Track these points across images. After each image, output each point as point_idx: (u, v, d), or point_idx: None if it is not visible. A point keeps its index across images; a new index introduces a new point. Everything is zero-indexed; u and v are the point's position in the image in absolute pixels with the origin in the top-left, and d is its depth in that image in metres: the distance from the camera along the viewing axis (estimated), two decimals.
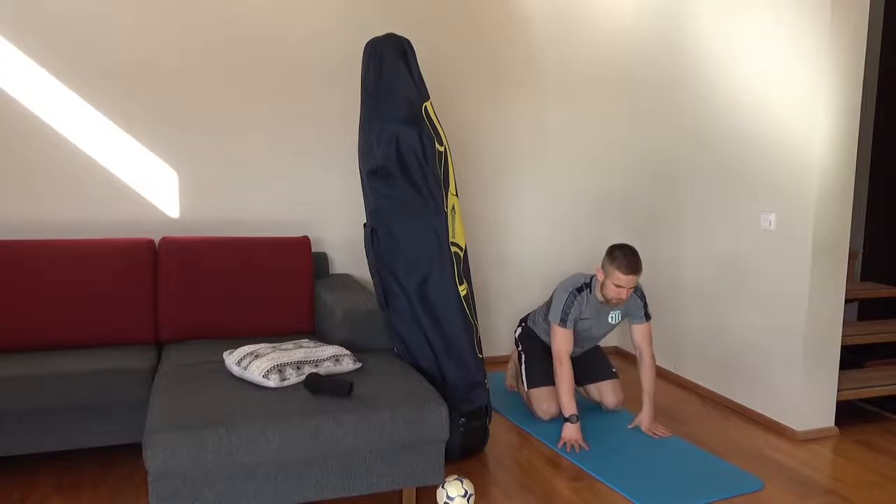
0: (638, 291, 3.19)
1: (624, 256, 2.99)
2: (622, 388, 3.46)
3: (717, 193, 3.67)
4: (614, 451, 2.97)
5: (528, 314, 3.54)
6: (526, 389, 3.32)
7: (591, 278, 3.19)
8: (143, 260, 3.13)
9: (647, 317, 3.20)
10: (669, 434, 3.14)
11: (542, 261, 4.34)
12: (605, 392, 3.38)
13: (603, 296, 3.10)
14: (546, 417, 3.25)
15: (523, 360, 3.39)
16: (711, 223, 3.72)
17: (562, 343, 3.13)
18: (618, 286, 3.01)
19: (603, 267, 3.07)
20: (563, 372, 3.11)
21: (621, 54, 4.36)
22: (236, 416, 2.11)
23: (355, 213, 3.84)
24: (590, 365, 3.44)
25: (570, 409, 3.07)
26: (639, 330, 3.20)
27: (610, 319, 3.22)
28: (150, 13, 3.38)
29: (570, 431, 3.05)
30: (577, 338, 3.26)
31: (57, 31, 3.26)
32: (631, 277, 2.99)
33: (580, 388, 3.51)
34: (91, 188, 3.37)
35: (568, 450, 3.00)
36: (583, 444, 3.01)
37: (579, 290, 3.16)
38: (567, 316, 3.13)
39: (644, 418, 3.19)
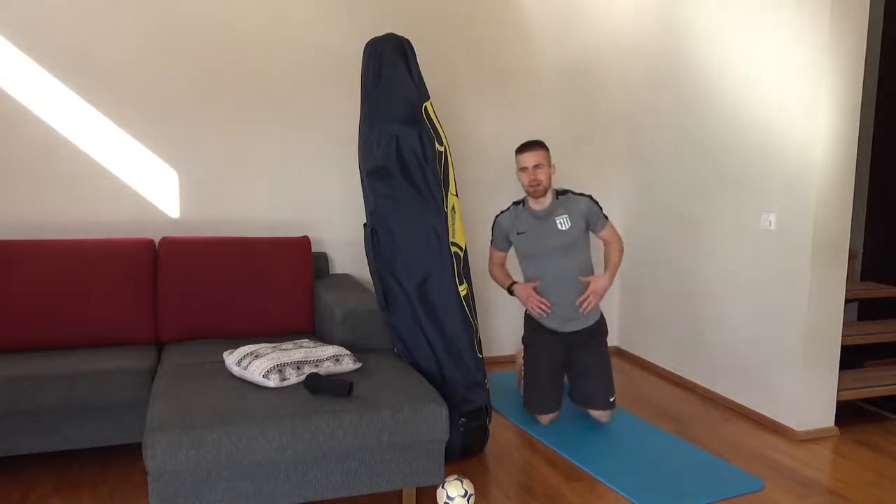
0: (592, 199, 3.24)
1: (523, 142, 3.18)
2: (617, 387, 3.43)
3: (717, 193, 3.67)
4: (614, 451, 2.97)
5: None
6: (525, 408, 3.31)
7: (525, 197, 3.26)
8: (143, 260, 3.13)
9: (606, 218, 3.26)
10: (592, 307, 3.16)
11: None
12: (596, 415, 3.26)
13: (526, 192, 3.18)
14: (544, 424, 3.24)
15: (525, 374, 3.31)
16: (711, 223, 3.72)
17: (489, 262, 3.39)
18: (523, 168, 3.13)
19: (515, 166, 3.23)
20: (494, 275, 3.38)
21: (621, 54, 4.36)
22: (236, 416, 2.11)
23: (355, 213, 3.84)
24: (587, 385, 3.24)
25: (506, 281, 3.30)
26: (604, 232, 3.26)
27: (559, 226, 3.15)
28: (150, 14, 3.38)
29: (522, 293, 3.19)
30: (535, 253, 3.18)
31: (58, 32, 3.26)
32: (527, 154, 3.12)
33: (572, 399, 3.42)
34: (91, 188, 3.37)
35: (535, 311, 3.17)
36: (544, 300, 3.15)
37: (507, 208, 3.30)
38: (493, 234, 3.31)
39: (597, 281, 3.17)
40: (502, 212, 3.31)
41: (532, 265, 3.23)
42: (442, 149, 2.79)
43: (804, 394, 3.18)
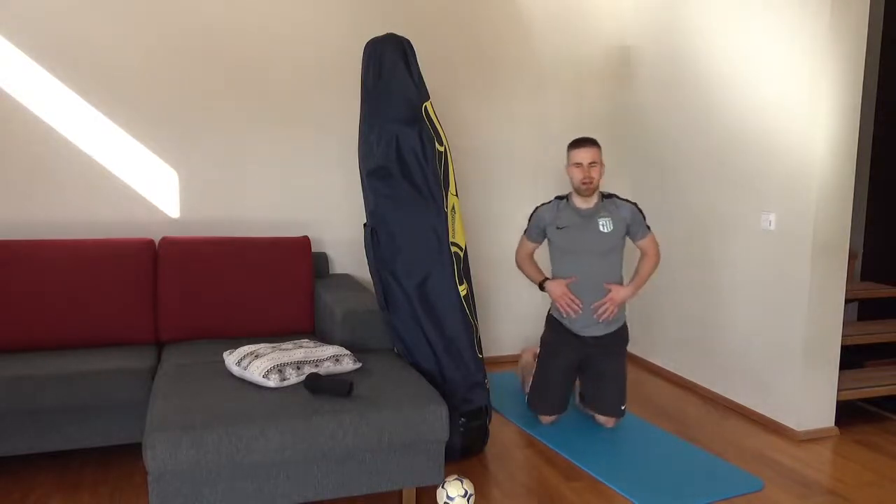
0: (637, 207, 3.18)
1: (577, 138, 3.15)
2: (627, 393, 3.39)
3: (717, 193, 3.67)
4: (614, 451, 2.97)
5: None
6: (528, 405, 3.30)
7: (568, 193, 3.23)
8: (143, 260, 3.13)
9: (648, 228, 3.20)
10: (611, 315, 3.12)
11: (542, 260, 4.33)
12: (602, 418, 3.24)
13: (574, 190, 3.14)
14: (545, 424, 3.23)
15: (536, 371, 3.28)
16: (712, 223, 3.72)
17: (519, 250, 3.35)
18: (577, 164, 3.08)
19: (566, 161, 3.17)
20: (523, 266, 3.33)
21: (622, 54, 4.36)
22: (236, 416, 2.11)
23: (355, 213, 3.84)
24: (600, 389, 3.21)
25: (538, 278, 3.25)
26: (644, 242, 3.20)
27: (601, 228, 3.11)
28: (151, 14, 3.38)
29: (556, 289, 3.15)
30: (572, 250, 3.15)
31: (58, 32, 3.26)
32: (583, 150, 3.07)
33: (578, 403, 3.41)
34: (91, 188, 3.37)
35: (564, 311, 3.13)
36: (576, 300, 3.12)
37: (549, 201, 3.27)
38: (529, 224, 3.28)
39: (618, 290, 3.12)
40: (543, 204, 3.27)
41: (566, 262, 3.18)
42: (442, 149, 2.79)
43: (804, 394, 3.18)
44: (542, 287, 3.24)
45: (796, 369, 3.19)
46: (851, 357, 3.65)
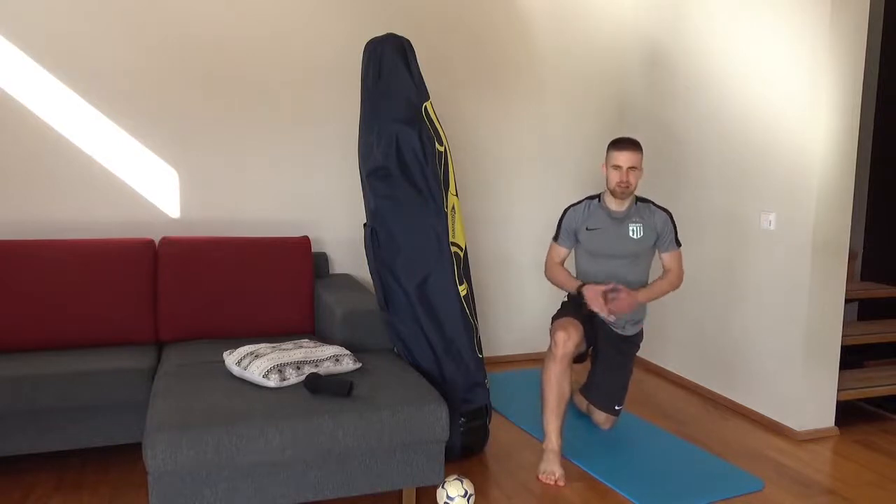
0: (670, 217, 3.05)
1: (620, 138, 2.98)
2: (628, 393, 3.36)
3: (717, 193, 3.67)
4: (614, 451, 2.97)
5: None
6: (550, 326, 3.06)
7: (600, 193, 3.10)
8: (143, 260, 3.13)
9: (678, 243, 3.07)
10: (612, 318, 2.94)
11: (542, 261, 4.32)
12: (598, 418, 3.21)
13: (609, 190, 2.99)
14: (559, 351, 2.79)
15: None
16: (711, 223, 3.72)
17: (549, 257, 3.15)
18: (616, 167, 2.92)
19: (605, 159, 3.01)
20: (554, 274, 3.12)
21: (621, 54, 4.36)
22: (236, 416, 2.11)
23: (355, 213, 3.84)
24: (606, 378, 3.14)
25: (574, 284, 3.03)
26: (668, 256, 3.07)
27: (631, 233, 2.99)
28: (151, 14, 3.38)
29: (591, 293, 2.91)
30: (601, 253, 3.03)
31: (58, 32, 3.25)
32: (626, 154, 2.90)
33: (576, 398, 3.39)
34: (91, 188, 3.37)
35: (595, 308, 2.89)
36: (608, 305, 2.88)
37: (579, 202, 3.12)
38: (560, 227, 3.12)
39: (631, 294, 2.93)
40: (572, 205, 3.12)
41: (592, 265, 3.06)
42: (442, 149, 2.80)
43: (804, 394, 3.18)
44: (579, 292, 3.00)
45: (796, 369, 3.19)
46: (851, 357, 3.64)
